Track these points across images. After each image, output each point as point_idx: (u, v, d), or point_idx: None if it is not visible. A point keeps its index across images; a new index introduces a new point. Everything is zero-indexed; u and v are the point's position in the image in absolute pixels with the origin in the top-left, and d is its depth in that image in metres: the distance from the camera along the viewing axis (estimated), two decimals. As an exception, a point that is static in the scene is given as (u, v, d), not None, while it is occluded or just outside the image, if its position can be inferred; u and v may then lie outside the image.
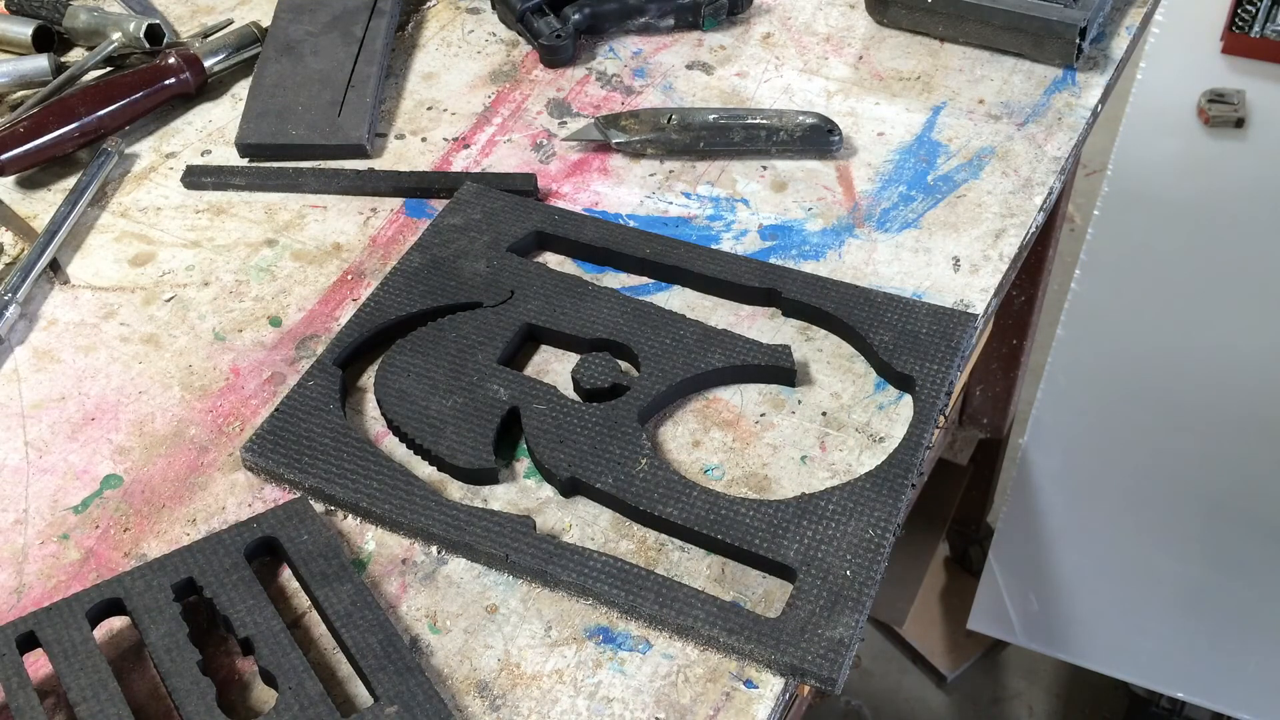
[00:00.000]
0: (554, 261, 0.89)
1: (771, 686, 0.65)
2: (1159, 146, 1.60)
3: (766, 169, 0.96)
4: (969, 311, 0.83)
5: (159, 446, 0.78)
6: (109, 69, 1.07)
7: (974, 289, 0.85)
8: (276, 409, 0.77)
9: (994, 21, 1.03)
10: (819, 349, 0.82)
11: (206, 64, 1.04)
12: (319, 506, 0.74)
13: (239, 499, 0.75)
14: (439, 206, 0.93)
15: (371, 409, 0.80)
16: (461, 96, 1.04)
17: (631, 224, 0.91)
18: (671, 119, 0.96)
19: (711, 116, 0.96)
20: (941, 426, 0.78)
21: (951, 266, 0.87)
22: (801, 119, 0.95)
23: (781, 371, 0.80)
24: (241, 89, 1.05)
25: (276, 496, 0.75)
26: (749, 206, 0.92)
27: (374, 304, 0.84)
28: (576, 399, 0.78)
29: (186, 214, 0.95)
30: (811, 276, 0.84)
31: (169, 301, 0.88)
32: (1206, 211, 1.56)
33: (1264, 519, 1.51)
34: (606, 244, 0.87)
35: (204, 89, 1.05)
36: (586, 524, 0.73)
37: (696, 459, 0.76)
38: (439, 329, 0.82)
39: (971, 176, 0.94)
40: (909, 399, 0.79)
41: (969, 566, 1.85)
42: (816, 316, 0.83)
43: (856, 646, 0.66)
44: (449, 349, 0.81)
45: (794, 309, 0.84)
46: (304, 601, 0.70)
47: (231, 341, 0.85)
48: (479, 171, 0.96)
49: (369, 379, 0.81)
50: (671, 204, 0.93)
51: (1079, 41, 1.01)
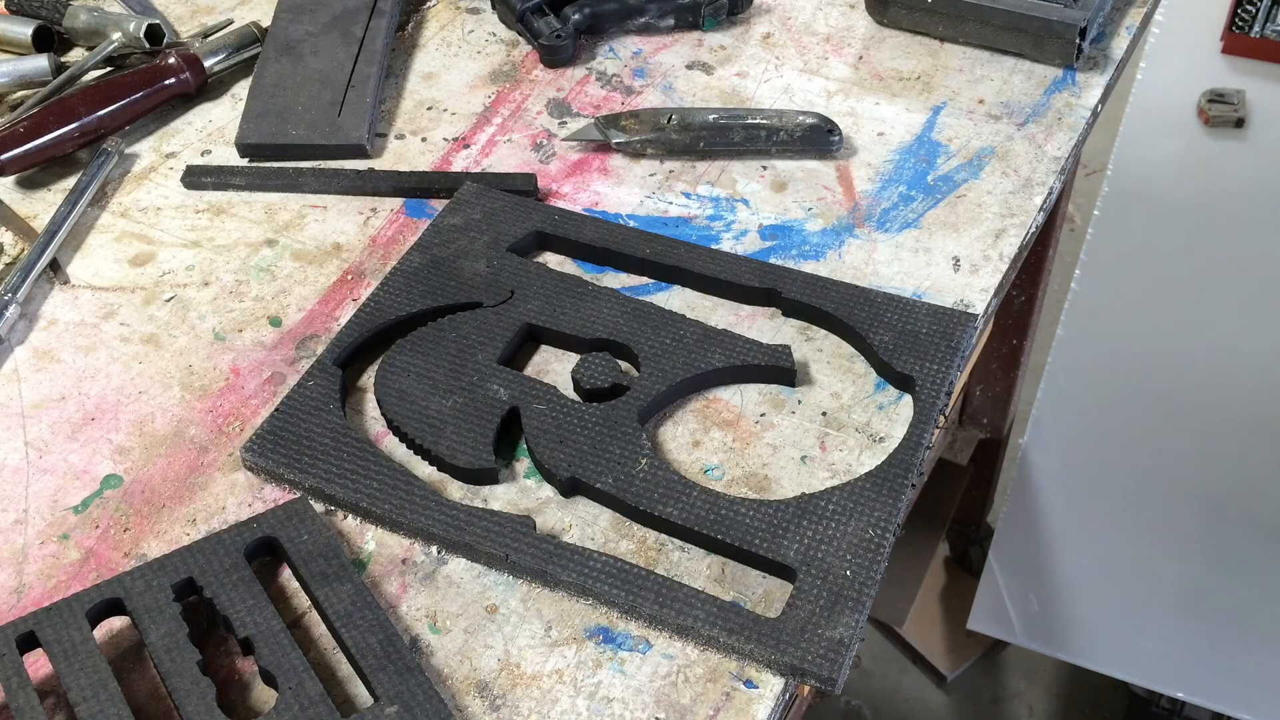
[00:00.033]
0: (554, 261, 0.89)
1: (771, 686, 0.65)
2: (1159, 146, 1.59)
3: (766, 169, 0.96)
4: (969, 311, 0.83)
5: (159, 446, 0.78)
6: (109, 69, 1.07)
7: (974, 289, 0.85)
8: (276, 409, 0.77)
9: (994, 21, 1.03)
10: (819, 349, 0.82)
11: (206, 64, 1.04)
12: (319, 506, 0.74)
13: (239, 499, 0.75)
14: (439, 206, 0.93)
15: (371, 409, 0.80)
16: (461, 96, 1.04)
17: (631, 224, 0.91)
18: (671, 119, 0.96)
19: (711, 116, 0.96)
20: (941, 426, 0.78)
21: (951, 266, 0.87)
22: (801, 119, 0.95)
23: (781, 371, 0.80)
24: (241, 89, 1.05)
25: (276, 496, 0.75)
26: (749, 206, 0.92)
27: (374, 304, 0.84)
28: (576, 399, 0.78)
29: (186, 214, 0.95)
30: (811, 276, 0.84)
31: (169, 301, 0.88)
32: (1206, 211, 1.56)
33: (1264, 519, 1.51)
34: (606, 244, 0.87)
35: (204, 89, 1.05)
36: (586, 524, 0.73)
37: (696, 459, 0.76)
38: (439, 329, 0.82)
39: (971, 176, 0.94)
40: (909, 399, 0.79)
41: (969, 566, 1.85)
42: (816, 316, 0.83)
43: (856, 646, 0.66)
44: (449, 349, 0.81)
45: (794, 309, 0.84)
46: (304, 601, 0.70)
47: (231, 341, 0.85)
48: (479, 171, 0.96)
49: (369, 379, 0.81)
50: (671, 204, 0.93)
51: (1079, 41, 1.01)
